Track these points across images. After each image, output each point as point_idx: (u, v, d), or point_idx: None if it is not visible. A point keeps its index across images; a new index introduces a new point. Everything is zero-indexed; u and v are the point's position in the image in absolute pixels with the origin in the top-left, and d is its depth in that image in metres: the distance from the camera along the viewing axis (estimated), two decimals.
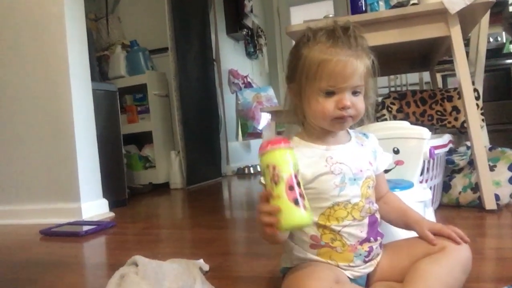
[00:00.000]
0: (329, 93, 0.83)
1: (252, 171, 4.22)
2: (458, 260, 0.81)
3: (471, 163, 1.84)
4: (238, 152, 4.47)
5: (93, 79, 2.50)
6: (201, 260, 1.25)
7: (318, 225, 0.84)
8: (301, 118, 0.91)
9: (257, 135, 4.44)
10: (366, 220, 0.86)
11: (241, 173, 4.21)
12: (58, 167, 2.27)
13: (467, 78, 1.74)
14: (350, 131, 0.95)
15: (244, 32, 4.67)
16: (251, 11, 4.67)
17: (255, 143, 4.72)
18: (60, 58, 2.26)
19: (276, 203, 0.72)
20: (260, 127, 4.41)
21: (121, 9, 3.90)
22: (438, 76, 4.12)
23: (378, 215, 0.90)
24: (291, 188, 0.72)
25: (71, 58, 2.27)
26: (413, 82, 3.75)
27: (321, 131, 0.89)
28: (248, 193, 3.02)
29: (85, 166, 2.28)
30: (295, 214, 0.71)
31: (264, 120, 4.37)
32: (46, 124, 2.30)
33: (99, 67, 3.43)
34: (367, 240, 0.85)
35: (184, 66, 3.45)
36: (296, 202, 0.71)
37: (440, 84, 4.23)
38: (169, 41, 3.35)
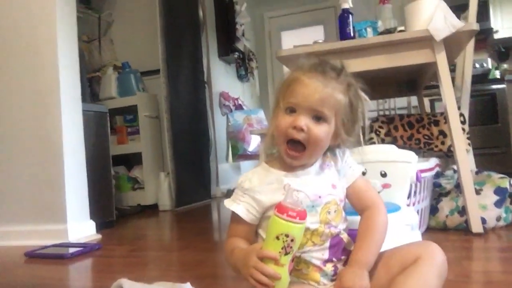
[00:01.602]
0: (290, 111, 0.84)
1: None
2: (433, 268, 0.79)
3: (458, 187, 1.86)
4: (228, 174, 4.46)
5: (83, 100, 2.50)
6: (188, 284, 1.23)
7: None
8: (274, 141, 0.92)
9: (247, 157, 4.44)
10: (327, 243, 0.86)
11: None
12: (45, 188, 2.25)
13: (453, 103, 1.77)
14: (322, 157, 0.93)
15: (236, 55, 4.73)
16: (243, 35, 4.74)
17: (245, 165, 4.72)
18: (51, 79, 2.26)
19: (279, 271, 0.75)
20: (250, 149, 4.41)
21: (114, 32, 3.93)
22: (426, 101, 4.16)
23: (343, 235, 0.88)
24: (292, 260, 0.78)
25: (62, 80, 2.27)
26: (402, 106, 3.81)
27: (288, 162, 0.89)
28: None
29: (73, 187, 2.26)
30: (287, 284, 0.77)
31: (254, 142, 4.38)
32: (34, 144, 2.29)
33: (90, 88, 3.44)
34: (330, 260, 0.86)
35: (175, 88, 3.47)
36: (289, 273, 0.78)
37: (428, 109, 4.28)
38: (161, 63, 3.38)
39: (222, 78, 4.54)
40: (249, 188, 0.88)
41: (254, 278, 0.75)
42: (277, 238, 0.74)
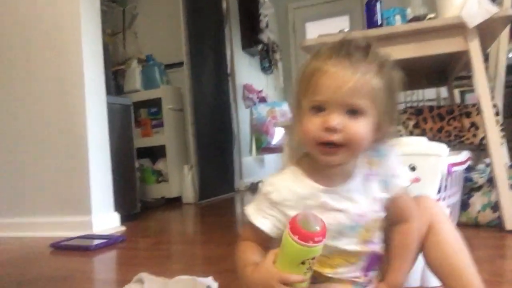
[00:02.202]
0: (317, 110, 0.70)
1: None
2: (447, 224, 0.82)
3: (491, 181, 1.78)
4: (251, 167, 4.44)
5: (108, 93, 2.51)
6: (210, 278, 1.22)
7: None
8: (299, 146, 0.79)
9: (271, 149, 4.41)
10: (363, 262, 0.79)
11: (254, 188, 4.17)
12: (71, 180, 2.27)
13: (486, 93, 1.69)
14: (360, 160, 0.78)
15: (259, 47, 4.68)
16: (267, 26, 4.69)
17: (269, 158, 4.69)
18: (76, 73, 2.28)
19: (304, 286, 0.71)
20: (274, 142, 4.38)
21: (138, 25, 3.94)
22: (456, 92, 4.04)
23: (381, 249, 0.80)
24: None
25: (87, 73, 2.28)
26: (430, 97, 3.70)
27: (322, 167, 0.76)
28: None
29: (98, 179, 2.28)
30: None
31: (278, 135, 4.34)
32: (60, 137, 2.31)
33: (115, 81, 3.46)
34: (363, 276, 0.79)
35: (199, 80, 3.46)
36: None
37: (458, 100, 4.16)
38: (185, 56, 3.37)
39: (245, 70, 4.51)
40: (279, 202, 0.76)
41: None
42: (303, 263, 0.68)
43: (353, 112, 0.69)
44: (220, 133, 3.79)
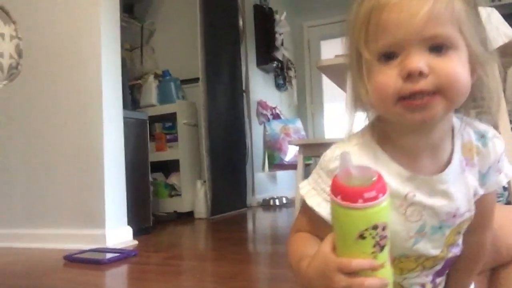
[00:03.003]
0: (388, 58, 0.53)
1: (277, 203, 4.16)
2: None
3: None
4: (263, 183, 4.43)
5: (124, 107, 2.55)
6: None
7: None
8: (366, 111, 0.61)
9: (284, 166, 4.39)
10: (440, 266, 0.65)
11: (266, 205, 4.16)
12: (86, 193, 2.30)
13: (505, 117, 1.68)
14: (458, 133, 0.60)
15: (274, 64, 4.71)
16: (282, 44, 4.73)
17: (281, 175, 4.68)
18: (94, 87, 2.32)
19: (382, 275, 0.50)
20: (287, 158, 4.37)
21: (155, 40, 4.02)
22: (473, 113, 4.02)
23: (459, 253, 0.66)
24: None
25: (105, 87, 2.32)
26: None
27: (405, 134, 0.57)
28: (273, 226, 2.97)
29: (112, 193, 2.30)
30: (392, 285, 0.53)
31: (291, 152, 4.34)
32: (76, 150, 2.34)
33: (131, 95, 3.51)
34: (431, 282, 0.66)
35: (214, 96, 3.49)
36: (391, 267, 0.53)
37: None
38: (200, 72, 3.41)
39: (260, 87, 4.54)
40: None
41: None
42: (362, 237, 0.48)
43: (438, 47, 0.51)
44: (233, 148, 3.81)
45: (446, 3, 0.51)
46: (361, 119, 0.63)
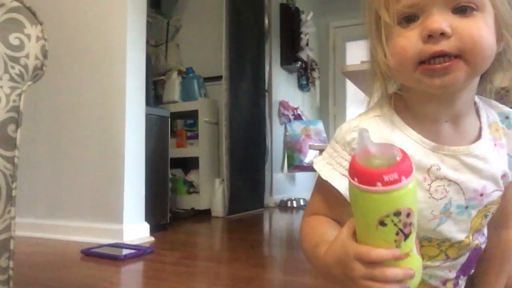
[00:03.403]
0: (409, 20, 0.51)
1: (295, 205, 4.14)
2: None
3: None
4: (282, 184, 4.42)
5: (147, 103, 2.56)
6: None
7: None
8: (386, 79, 0.57)
9: (303, 168, 4.37)
10: (464, 258, 0.60)
11: (284, 206, 4.15)
12: (105, 188, 2.32)
13: None
14: (482, 110, 0.58)
15: (298, 65, 4.68)
16: (307, 44, 4.69)
17: (300, 176, 4.65)
18: (118, 83, 2.34)
19: (406, 265, 0.46)
20: (307, 160, 4.34)
21: (181, 37, 4.03)
22: None
23: (483, 246, 0.62)
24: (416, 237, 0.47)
25: (129, 83, 2.34)
26: None
27: (426, 103, 0.54)
28: (289, 229, 2.96)
29: (131, 189, 2.32)
30: (421, 272, 0.48)
31: (311, 154, 4.31)
32: (98, 145, 2.37)
33: (155, 91, 3.54)
34: (455, 278, 0.61)
35: (236, 95, 3.49)
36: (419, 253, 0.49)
37: None
38: (224, 70, 3.41)
39: (282, 87, 4.52)
40: None
41: None
42: (382, 223, 0.43)
43: (462, 9, 0.49)
44: (253, 148, 3.80)
45: None
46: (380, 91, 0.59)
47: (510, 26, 0.51)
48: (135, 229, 2.31)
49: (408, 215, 0.43)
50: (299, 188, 4.65)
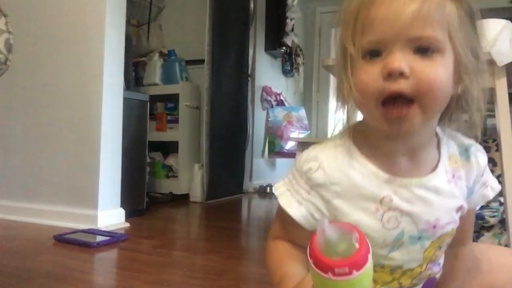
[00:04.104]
0: (372, 55, 0.52)
1: (274, 191, 4.15)
2: None
3: (503, 222, 1.73)
4: (262, 169, 4.42)
5: (126, 87, 2.51)
6: None
7: None
8: (350, 109, 0.59)
9: (284, 154, 4.38)
10: (418, 286, 0.62)
11: (263, 192, 4.16)
12: (81, 172, 2.29)
13: (508, 133, 1.64)
14: (443, 143, 0.60)
15: (283, 50, 4.64)
16: (292, 30, 4.64)
17: (281, 162, 4.66)
18: (96, 66, 2.28)
19: None
20: (288, 147, 4.35)
21: (164, 18, 3.95)
22: None
23: (438, 275, 0.65)
24: None
25: (107, 67, 2.28)
26: None
27: (386, 139, 0.56)
28: (267, 217, 2.97)
29: (107, 174, 2.28)
30: None
31: (292, 141, 4.32)
32: (74, 128, 2.32)
33: (135, 72, 3.47)
34: None
35: (218, 80, 3.45)
36: None
37: None
38: (206, 55, 3.36)
39: (266, 72, 4.48)
40: (322, 185, 0.56)
41: None
42: None
43: (423, 50, 0.50)
44: (234, 133, 3.78)
45: (437, 4, 0.49)
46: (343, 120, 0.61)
47: (469, 70, 0.53)
48: (110, 215, 2.29)
49: None
50: (279, 174, 4.66)
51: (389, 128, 0.52)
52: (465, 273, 0.67)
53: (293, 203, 0.59)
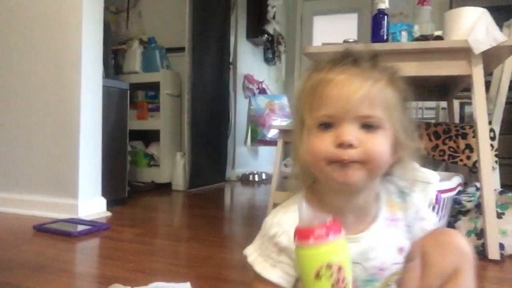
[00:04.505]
0: (326, 126, 0.62)
1: (256, 178, 4.17)
2: (472, 272, 0.68)
3: (479, 207, 1.78)
4: (244, 157, 4.43)
5: (106, 75, 2.47)
6: (188, 284, 1.21)
7: None
8: (304, 171, 0.68)
9: (266, 142, 4.39)
10: None
11: (245, 179, 4.18)
12: (60, 161, 2.26)
13: (484, 119, 1.68)
14: (382, 192, 0.69)
15: (264, 38, 4.63)
16: (274, 17, 4.63)
17: (263, 150, 4.68)
18: (74, 53, 2.24)
19: None
20: (270, 135, 4.36)
21: (143, 4, 3.88)
22: (456, 103, 4.02)
23: None
24: None
25: (85, 54, 2.24)
26: (430, 106, 3.70)
27: (332, 195, 0.66)
28: (250, 205, 2.99)
29: (87, 163, 2.26)
30: None
31: (274, 129, 4.33)
32: (53, 116, 2.28)
33: (115, 60, 3.42)
34: None
35: (199, 67, 3.42)
36: None
37: (457, 111, 4.15)
38: (187, 42, 3.33)
39: (248, 60, 4.47)
40: (289, 248, 0.64)
41: None
42: (318, 276, 0.52)
43: (369, 125, 0.61)
44: (216, 121, 3.77)
45: (380, 89, 0.61)
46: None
47: (403, 143, 0.64)
48: (91, 204, 2.27)
49: (340, 269, 0.52)
50: (262, 162, 4.68)
51: (339, 177, 0.61)
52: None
53: (268, 267, 0.66)
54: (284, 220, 0.66)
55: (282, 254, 0.65)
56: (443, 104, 3.36)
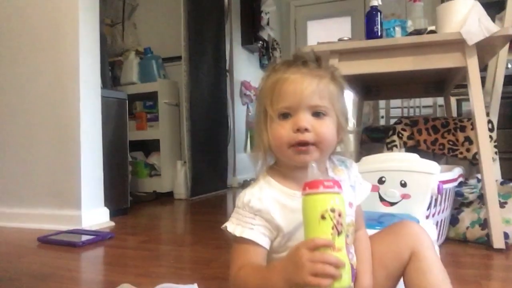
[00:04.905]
0: (285, 116, 0.76)
1: None
2: (432, 252, 0.81)
3: (481, 197, 1.79)
4: (245, 164, 4.43)
5: (104, 86, 2.49)
6: (195, 285, 1.21)
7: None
8: (269, 154, 0.82)
9: None
10: None
11: (247, 186, 4.16)
12: (62, 173, 2.26)
13: (482, 110, 1.69)
14: (329, 164, 0.85)
15: (259, 44, 4.66)
16: (268, 23, 4.66)
17: None
18: (71, 65, 2.25)
19: (339, 257, 0.62)
20: None
21: (137, 16, 3.91)
22: (453, 100, 4.04)
23: (354, 262, 0.81)
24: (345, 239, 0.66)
25: (83, 65, 2.26)
26: (427, 104, 3.70)
27: (293, 170, 0.79)
28: None
29: (89, 174, 2.26)
30: (350, 272, 0.64)
31: None
32: (53, 129, 2.29)
33: (112, 72, 3.43)
34: None
35: (196, 76, 3.44)
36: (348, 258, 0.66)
37: (454, 108, 4.16)
38: (183, 51, 3.35)
39: (244, 67, 4.49)
40: (262, 209, 0.76)
41: (318, 272, 0.60)
42: (323, 217, 0.62)
43: (318, 113, 0.76)
44: (215, 129, 3.78)
45: (325, 84, 0.77)
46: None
47: (343, 126, 0.80)
48: (94, 215, 2.27)
49: (339, 215, 0.63)
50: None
51: (298, 159, 0.75)
52: (367, 253, 0.84)
53: (246, 230, 0.76)
54: (255, 189, 0.79)
55: (257, 217, 0.77)
56: (440, 101, 3.37)
